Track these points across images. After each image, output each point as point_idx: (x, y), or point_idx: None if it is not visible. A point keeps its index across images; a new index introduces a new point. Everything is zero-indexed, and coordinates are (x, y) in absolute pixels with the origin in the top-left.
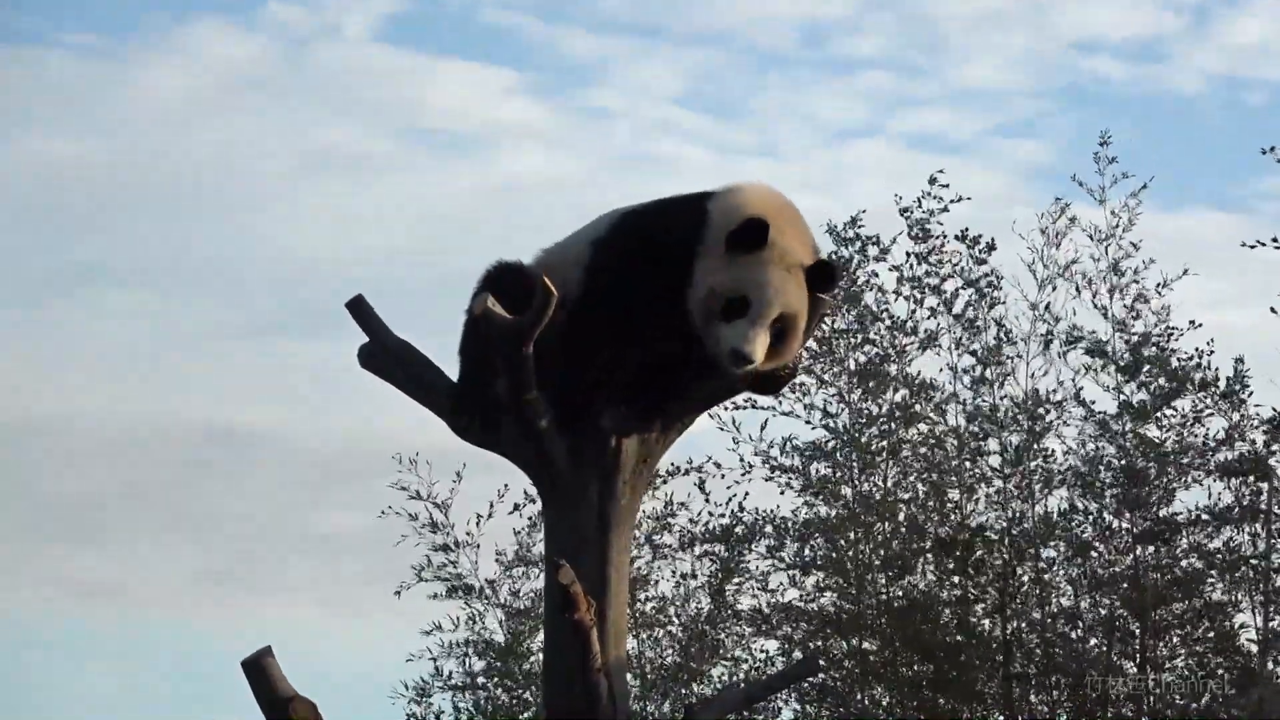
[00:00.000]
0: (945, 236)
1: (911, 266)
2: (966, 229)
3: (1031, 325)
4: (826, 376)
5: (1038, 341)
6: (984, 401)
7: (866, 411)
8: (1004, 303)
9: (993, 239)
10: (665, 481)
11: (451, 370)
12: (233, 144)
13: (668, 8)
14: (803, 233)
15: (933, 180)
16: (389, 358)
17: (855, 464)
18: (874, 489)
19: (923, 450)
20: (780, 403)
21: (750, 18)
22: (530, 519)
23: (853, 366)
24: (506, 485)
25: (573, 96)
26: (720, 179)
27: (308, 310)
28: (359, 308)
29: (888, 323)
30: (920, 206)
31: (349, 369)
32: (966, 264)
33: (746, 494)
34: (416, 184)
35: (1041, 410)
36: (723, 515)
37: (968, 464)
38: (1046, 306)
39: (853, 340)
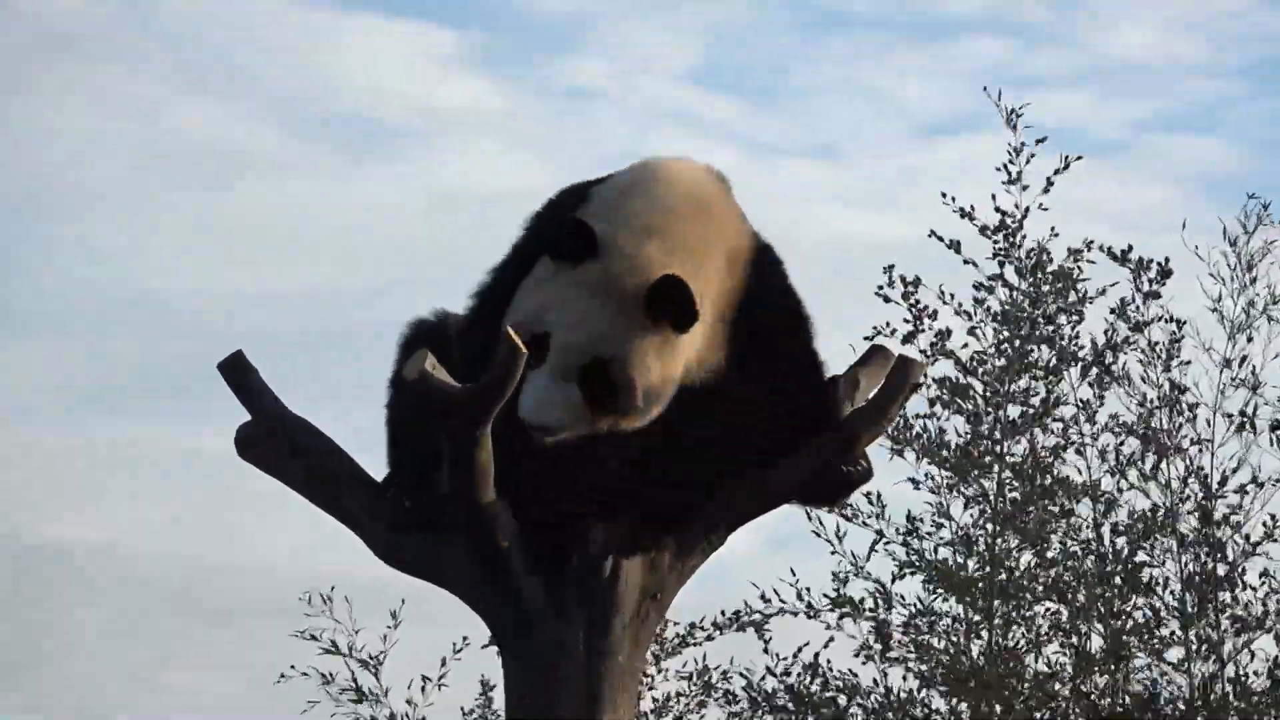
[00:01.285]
0: (1083, 253)
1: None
2: (1130, 246)
3: (1218, 391)
4: (918, 470)
5: (1228, 419)
6: (1152, 505)
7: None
8: (1181, 358)
9: (1166, 260)
10: (699, 637)
11: (373, 463)
12: (44, 129)
13: None
14: (699, 246)
15: (1063, 168)
16: (280, 443)
17: (978, 605)
18: (991, 643)
19: (1062, 578)
20: (855, 512)
21: None
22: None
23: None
24: (466, 638)
25: (540, 69)
26: (750, 193)
27: (153, 374)
28: (237, 370)
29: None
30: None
31: (220, 459)
32: (1135, 300)
33: (817, 649)
34: (316, 194)
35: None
36: (786, 673)
37: (1121, 602)
38: (1242, 361)
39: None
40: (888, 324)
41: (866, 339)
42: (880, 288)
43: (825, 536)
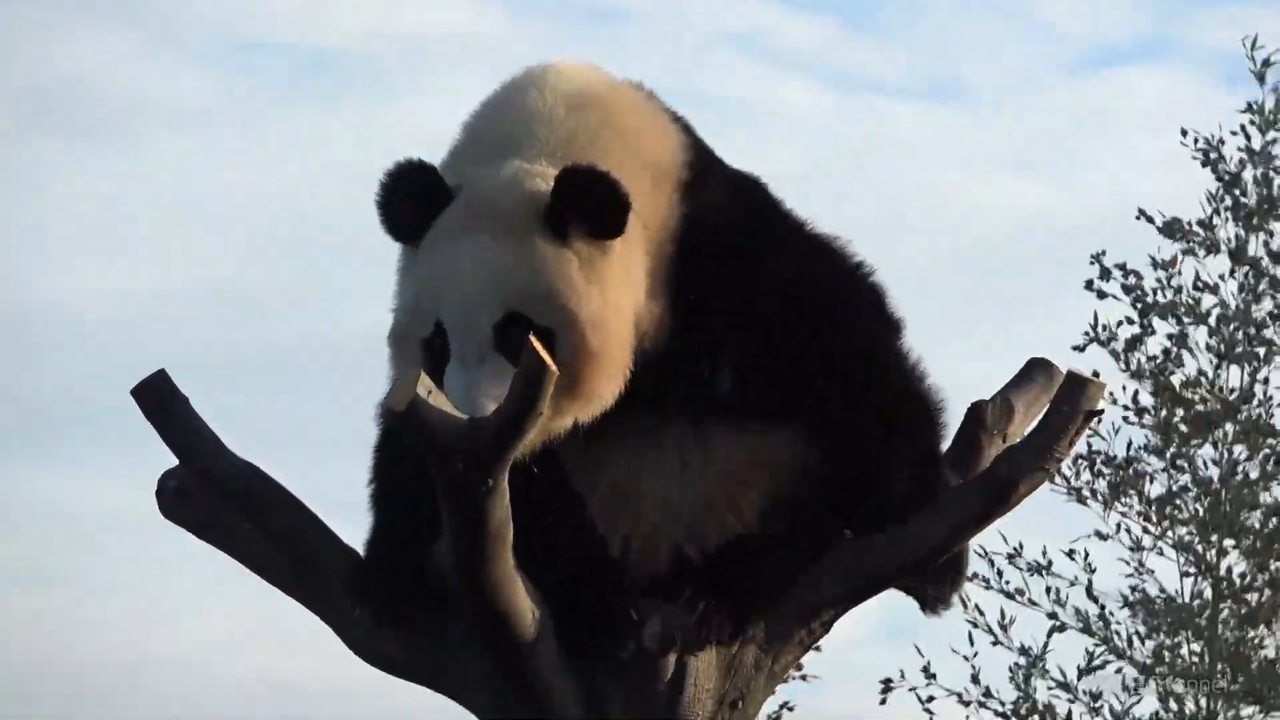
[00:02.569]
0: None
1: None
2: None
3: None
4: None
5: None
6: None
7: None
8: None
9: None
10: None
11: (348, 526)
12: None
13: None
14: (591, 146)
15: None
16: (218, 497)
17: None
18: None
19: None
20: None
21: None
22: None
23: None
24: None
25: None
26: (848, 139)
27: (48, 409)
28: (159, 397)
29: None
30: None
31: (138, 515)
32: None
33: None
34: (245, 152)
35: None
36: None
37: None
38: None
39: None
40: (1101, 325)
41: (1076, 349)
42: (1091, 282)
43: (983, 625)
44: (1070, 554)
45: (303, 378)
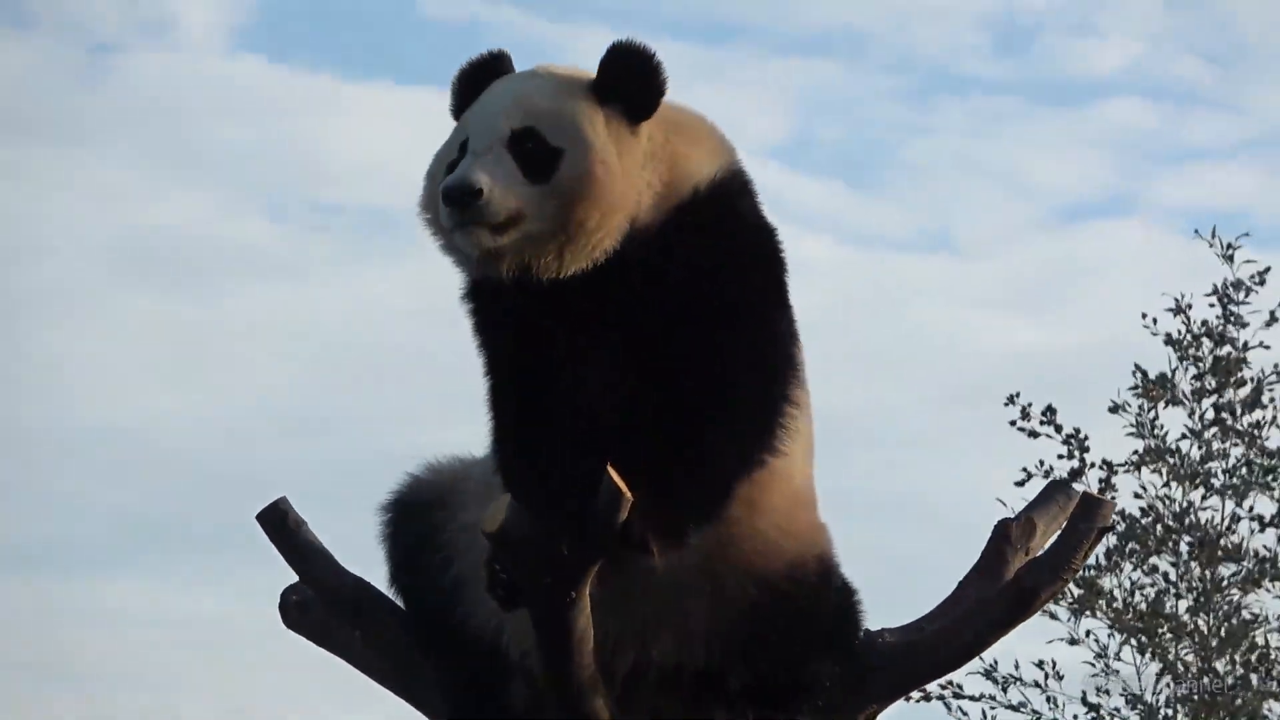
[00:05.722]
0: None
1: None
2: None
3: None
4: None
5: None
6: None
7: None
8: None
9: None
10: None
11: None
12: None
13: None
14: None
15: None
16: (334, 611)
17: None
18: None
19: None
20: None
21: (900, 7)
22: None
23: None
24: None
25: None
26: (854, 287)
27: (143, 525)
28: (278, 522)
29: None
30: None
31: (256, 623)
32: None
33: None
34: (316, 301)
35: None
36: None
37: None
38: None
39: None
40: (1041, 463)
41: (1017, 484)
42: (1014, 421)
43: None
44: (1040, 664)
45: (368, 494)
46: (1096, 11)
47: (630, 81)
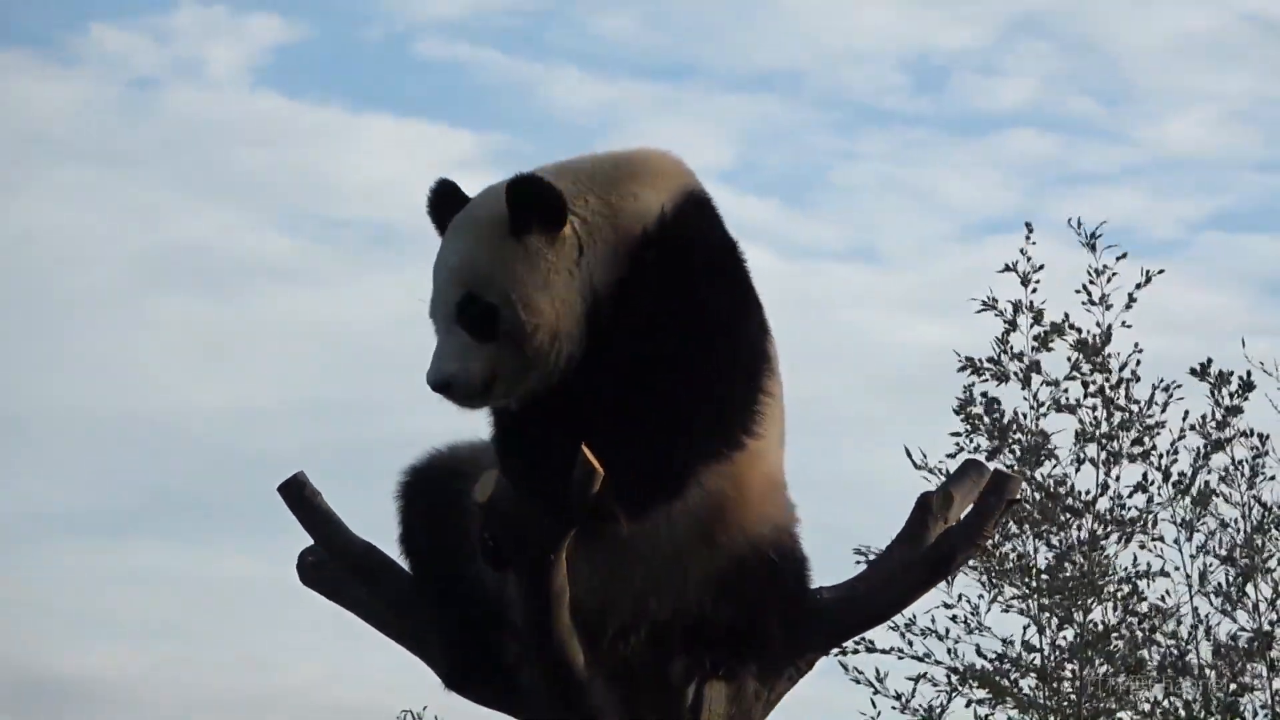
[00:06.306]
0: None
1: (1095, 418)
2: (1209, 360)
3: None
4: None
5: None
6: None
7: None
8: (1267, 474)
9: (1248, 374)
10: None
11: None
12: (38, 234)
13: (706, 38)
14: (569, 168)
15: (1099, 273)
16: (345, 571)
17: None
18: None
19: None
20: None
21: (832, 51)
22: None
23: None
24: None
25: None
26: (792, 293)
27: (175, 496)
28: (297, 493)
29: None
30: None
31: (273, 583)
32: (1213, 413)
33: None
34: (325, 303)
35: None
36: None
37: None
38: None
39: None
40: (969, 439)
41: (949, 456)
42: (960, 409)
43: (866, 679)
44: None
45: (372, 471)
46: (1001, 55)
47: (533, 209)
